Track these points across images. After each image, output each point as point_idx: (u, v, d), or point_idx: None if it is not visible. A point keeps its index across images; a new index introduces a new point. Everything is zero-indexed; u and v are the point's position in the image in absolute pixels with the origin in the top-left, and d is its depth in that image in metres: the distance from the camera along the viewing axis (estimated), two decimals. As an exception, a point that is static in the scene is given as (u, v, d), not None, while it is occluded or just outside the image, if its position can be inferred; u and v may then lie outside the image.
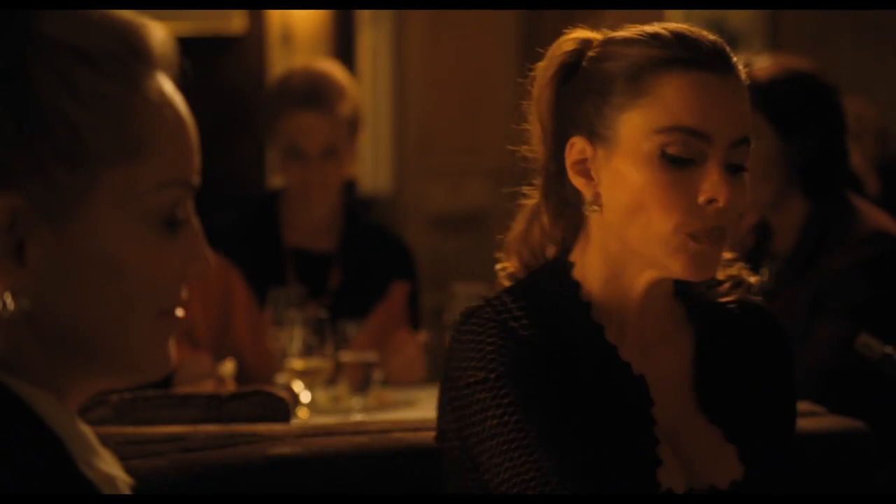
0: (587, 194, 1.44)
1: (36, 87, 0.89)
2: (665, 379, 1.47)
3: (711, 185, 1.38)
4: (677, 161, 1.39)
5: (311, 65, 3.03)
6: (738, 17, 5.73)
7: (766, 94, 2.45)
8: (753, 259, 2.56)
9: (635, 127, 1.40)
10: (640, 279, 1.45)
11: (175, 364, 0.98)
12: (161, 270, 0.95)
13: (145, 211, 0.93)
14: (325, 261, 2.92)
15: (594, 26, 1.49)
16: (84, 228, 0.91)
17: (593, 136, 1.43)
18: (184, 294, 0.97)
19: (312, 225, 2.93)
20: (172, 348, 0.97)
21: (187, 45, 1.04)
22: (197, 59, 1.04)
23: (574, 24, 1.49)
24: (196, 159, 0.98)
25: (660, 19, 5.64)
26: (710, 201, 1.39)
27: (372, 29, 5.49)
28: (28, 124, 0.88)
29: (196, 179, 0.97)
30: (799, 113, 2.47)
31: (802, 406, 1.98)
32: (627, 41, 1.43)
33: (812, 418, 1.93)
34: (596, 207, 1.43)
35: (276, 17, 5.26)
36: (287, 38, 5.28)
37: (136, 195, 0.92)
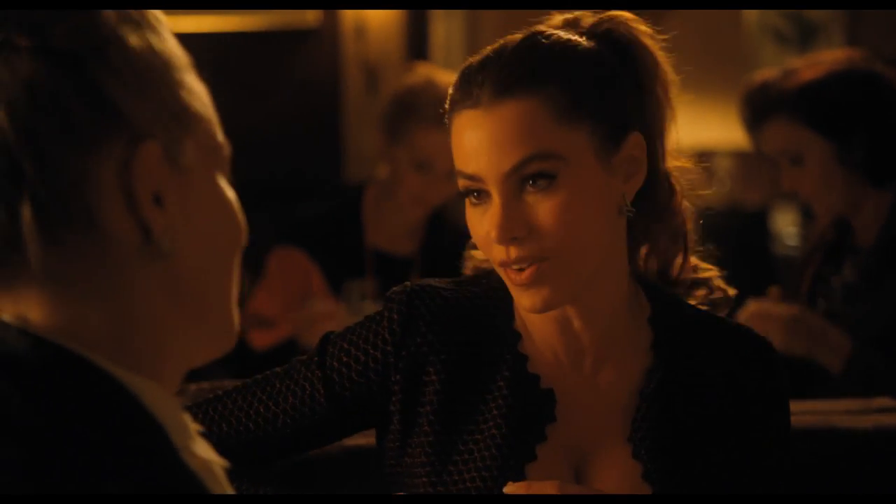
0: None
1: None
2: (600, 402, 1.45)
3: (488, 221, 1.38)
4: (474, 199, 1.40)
5: (452, 78, 3.00)
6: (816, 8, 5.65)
7: (802, 104, 2.43)
8: (834, 255, 2.53)
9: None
10: None
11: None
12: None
13: (214, 154, 0.96)
14: (405, 264, 2.92)
15: (665, 27, 1.47)
16: (191, 172, 0.93)
17: None
18: None
19: (396, 227, 2.94)
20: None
21: (263, 39, 1.04)
22: (272, 53, 1.05)
23: (643, 23, 1.46)
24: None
25: (736, 18, 5.54)
26: (493, 240, 1.38)
27: (445, 23, 5.49)
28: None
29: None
30: (838, 112, 2.43)
31: (883, 402, 1.95)
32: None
33: (893, 414, 1.90)
34: None
35: (350, 11, 5.28)
36: (360, 31, 5.30)
37: (215, 155, 0.97)
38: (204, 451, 0.94)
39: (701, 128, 5.13)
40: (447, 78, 2.97)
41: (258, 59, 5.06)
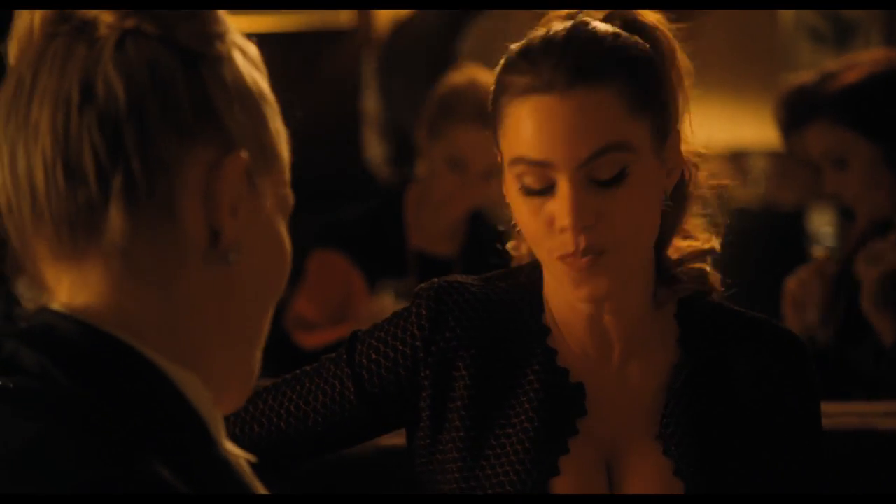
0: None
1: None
2: (629, 398, 1.45)
3: (556, 210, 1.36)
4: (532, 192, 1.38)
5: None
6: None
7: (845, 107, 2.41)
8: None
9: (504, 156, 1.41)
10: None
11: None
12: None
13: (281, 199, 1.00)
14: (446, 266, 2.92)
15: (699, 26, 1.48)
16: (263, 199, 0.97)
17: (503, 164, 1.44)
18: None
19: (436, 227, 2.94)
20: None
21: (296, 40, 1.05)
22: (305, 54, 1.09)
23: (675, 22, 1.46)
24: None
25: (772, 17, 5.57)
26: (562, 228, 1.36)
27: (478, 20, 5.49)
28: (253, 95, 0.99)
29: None
30: (883, 114, 2.42)
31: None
32: (499, 65, 1.43)
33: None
34: (519, 233, 1.46)
35: (384, 11, 5.29)
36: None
37: (282, 200, 1.00)
38: (231, 447, 0.97)
39: (736, 127, 5.10)
40: (491, 78, 2.95)
41: (291, 59, 5.08)
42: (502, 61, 1.42)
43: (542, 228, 1.38)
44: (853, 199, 2.48)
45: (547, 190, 1.37)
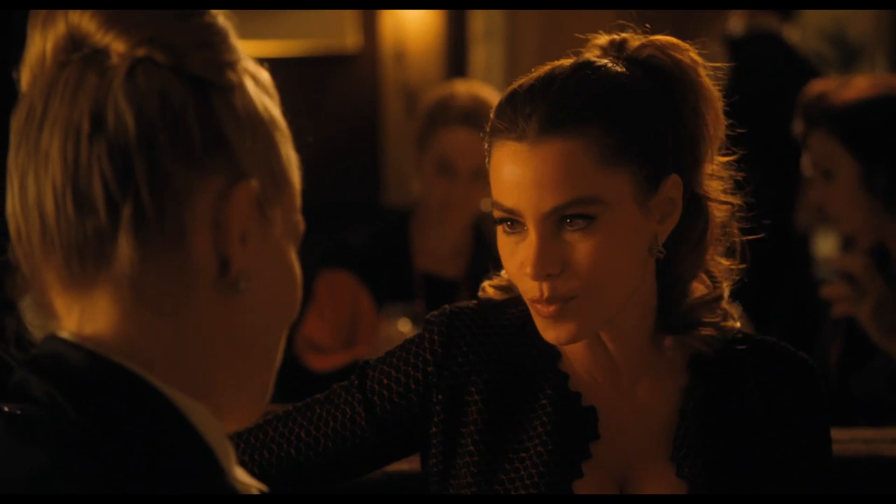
0: None
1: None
2: (641, 421, 1.46)
3: (522, 253, 1.38)
4: (508, 228, 1.40)
5: (475, 88, 3.01)
6: (858, 31, 5.61)
7: (841, 122, 2.41)
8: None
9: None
10: None
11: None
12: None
13: (291, 226, 0.99)
14: (453, 286, 2.93)
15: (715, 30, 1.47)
16: (273, 227, 0.97)
17: None
18: None
19: (443, 249, 2.95)
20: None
21: (303, 64, 1.06)
22: (313, 78, 1.08)
23: (689, 47, 1.45)
24: None
25: (785, 18, 5.57)
26: (528, 275, 1.38)
27: (485, 45, 5.50)
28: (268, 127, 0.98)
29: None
30: (876, 137, 2.41)
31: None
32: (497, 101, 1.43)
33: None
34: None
35: (390, 35, 5.30)
36: (400, 56, 5.31)
37: (293, 227, 1.00)
38: (243, 475, 0.96)
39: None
40: (470, 88, 2.98)
41: (299, 84, 5.09)
42: (500, 99, 1.42)
43: (517, 269, 1.40)
44: (834, 214, 2.48)
45: (519, 231, 1.39)
